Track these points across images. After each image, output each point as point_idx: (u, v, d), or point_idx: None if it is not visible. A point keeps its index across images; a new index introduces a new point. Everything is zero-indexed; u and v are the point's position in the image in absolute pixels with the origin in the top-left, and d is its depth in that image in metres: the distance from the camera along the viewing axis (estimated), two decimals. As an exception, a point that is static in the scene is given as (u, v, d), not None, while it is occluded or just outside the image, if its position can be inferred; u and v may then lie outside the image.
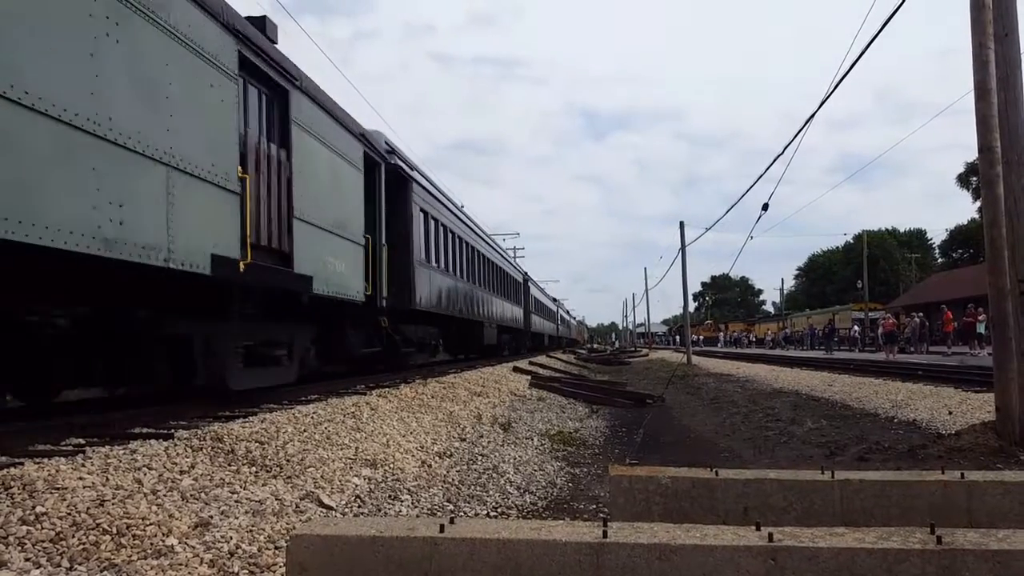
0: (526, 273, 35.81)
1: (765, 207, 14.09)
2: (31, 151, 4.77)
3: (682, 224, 36.42)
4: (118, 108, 5.54)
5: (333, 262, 9.68)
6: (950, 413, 10.59)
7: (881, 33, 9.44)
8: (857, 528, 3.30)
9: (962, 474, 4.44)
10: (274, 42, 8.45)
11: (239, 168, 7.29)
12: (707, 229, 47.86)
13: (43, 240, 4.82)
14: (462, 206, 21.01)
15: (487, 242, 24.19)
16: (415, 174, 14.33)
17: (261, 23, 8.21)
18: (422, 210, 14.56)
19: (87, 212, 5.23)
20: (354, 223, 10.66)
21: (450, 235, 17.38)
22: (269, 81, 8.26)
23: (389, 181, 12.72)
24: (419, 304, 13.93)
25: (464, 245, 19.15)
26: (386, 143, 13.05)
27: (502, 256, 27.61)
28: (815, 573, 2.95)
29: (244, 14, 7.75)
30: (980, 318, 25.84)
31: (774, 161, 14.79)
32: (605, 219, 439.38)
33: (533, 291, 37.63)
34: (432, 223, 15.56)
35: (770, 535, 3.05)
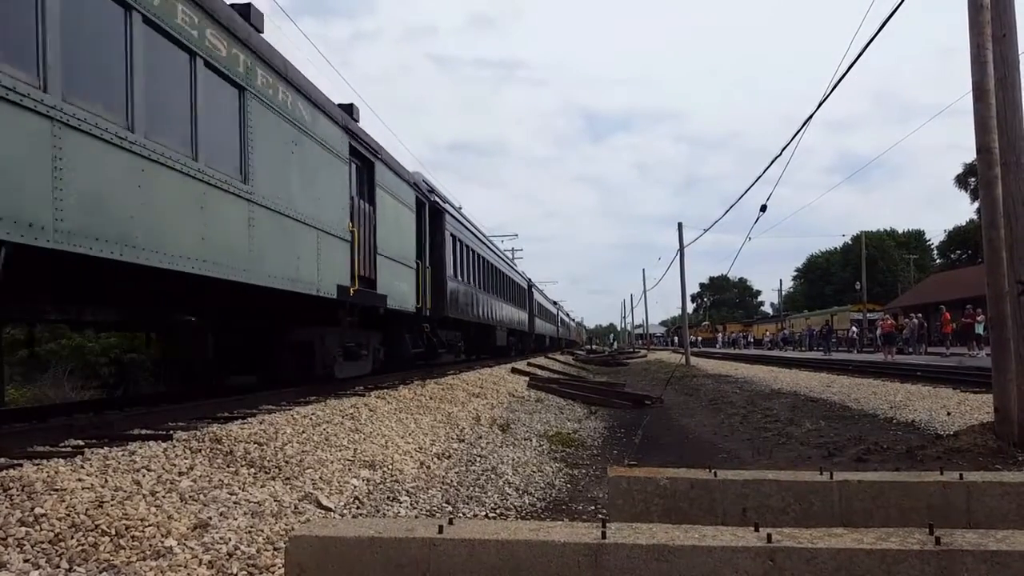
0: (530, 280, 38.41)
1: (763, 208, 14.12)
2: (271, 233, 8.02)
3: (680, 225, 36.54)
4: (296, 196, 8.64)
5: (399, 283, 12.90)
6: (948, 414, 10.60)
7: (879, 34, 9.46)
8: (856, 529, 3.30)
9: (961, 475, 4.44)
10: (358, 120, 10.97)
11: (349, 223, 10.38)
12: (705, 231, 47.99)
13: (269, 282, 7.90)
14: (481, 230, 24.98)
15: (498, 254, 27.25)
16: (447, 206, 17.68)
17: (350, 108, 10.71)
18: (451, 235, 17.47)
19: (291, 263, 8.47)
20: (410, 251, 13.87)
21: (470, 252, 20.18)
22: (363, 158, 11.34)
23: (430, 214, 15.96)
24: (450, 313, 16.81)
25: (480, 260, 21.75)
26: (425, 182, 16.39)
27: (510, 266, 30.69)
28: (814, 574, 2.96)
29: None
30: (979, 319, 25.87)
31: (772, 162, 14.83)
32: (604, 220, 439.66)
33: (536, 296, 40.39)
34: (458, 244, 18.44)
35: (769, 536, 3.06)
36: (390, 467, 6.42)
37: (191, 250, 6.50)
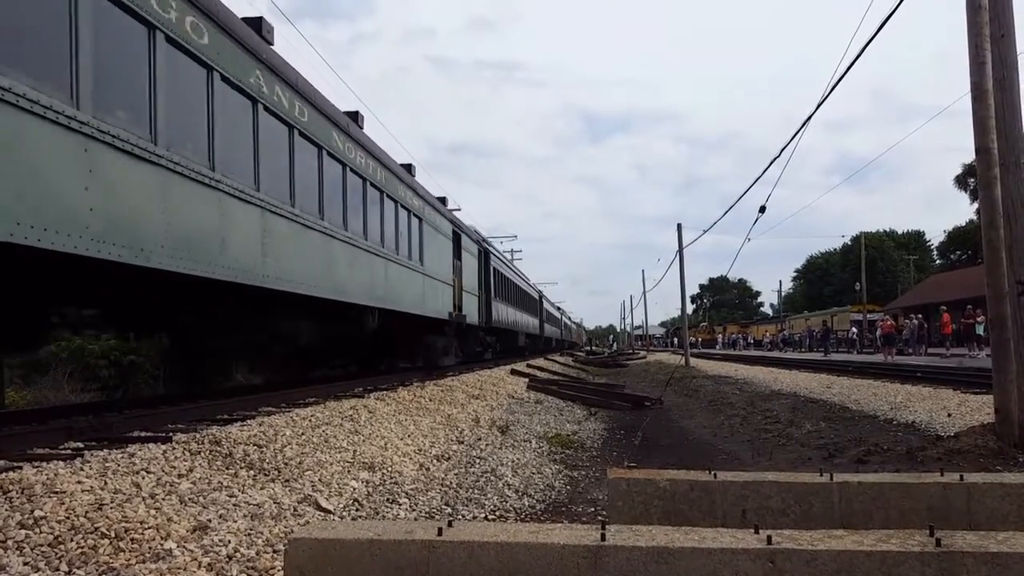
0: (540, 291, 46.02)
1: (762, 209, 14.11)
2: (426, 291, 15.64)
3: (679, 226, 36.60)
4: (432, 263, 16.20)
5: (471, 307, 20.95)
6: (949, 415, 10.60)
7: (878, 35, 9.47)
8: (856, 531, 3.30)
9: (961, 476, 4.44)
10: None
11: (452, 275, 18.31)
12: (704, 231, 48.03)
13: (425, 312, 15.45)
14: (506, 256, 34.85)
15: (518, 274, 35.77)
16: (491, 248, 26.27)
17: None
18: (494, 268, 25.62)
19: (433, 302, 16.24)
20: (475, 286, 21.96)
21: (503, 278, 28.28)
22: (456, 234, 19.44)
23: (483, 258, 23.77)
24: (494, 323, 24.91)
25: (507, 281, 29.49)
26: (477, 232, 24.10)
27: (525, 281, 38.79)
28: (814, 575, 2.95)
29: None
30: (979, 319, 25.86)
31: (771, 163, 14.83)
32: (604, 221, 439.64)
33: (545, 304, 48.32)
34: (497, 274, 26.41)
35: (769, 538, 3.05)
36: (389, 469, 6.41)
37: (412, 304, 14.41)
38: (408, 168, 15.38)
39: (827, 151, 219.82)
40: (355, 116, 11.83)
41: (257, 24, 8.36)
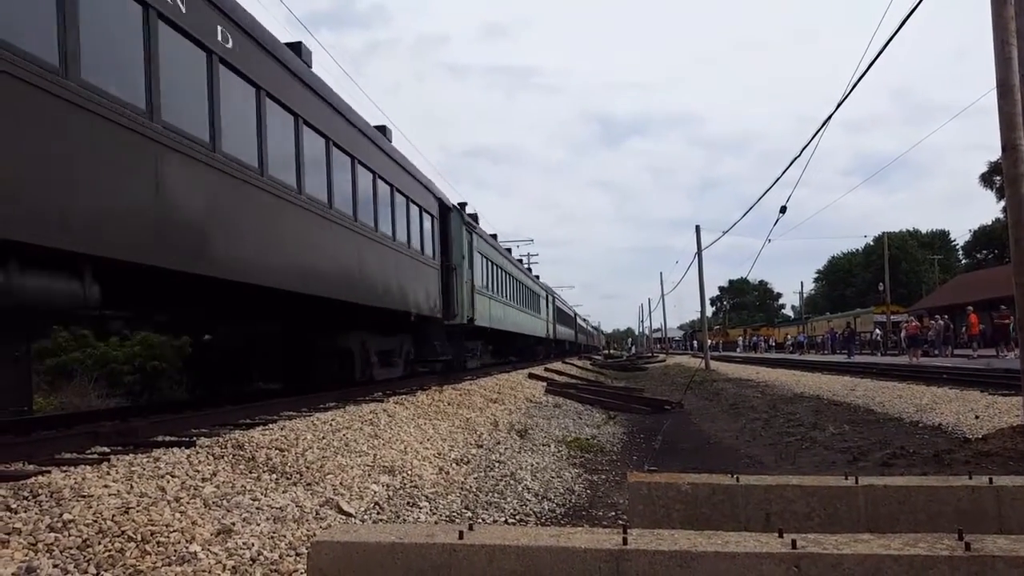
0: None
1: (783, 210, 13.98)
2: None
3: (698, 228, 36.30)
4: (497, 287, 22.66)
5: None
6: (976, 417, 10.43)
7: (899, 32, 9.36)
8: (882, 535, 3.25)
9: (990, 479, 4.36)
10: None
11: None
12: (723, 233, 47.59)
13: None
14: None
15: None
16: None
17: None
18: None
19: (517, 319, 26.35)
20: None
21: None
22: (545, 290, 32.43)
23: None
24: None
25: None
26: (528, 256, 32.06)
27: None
28: (840, 580, 2.91)
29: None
30: (1008, 319, 25.41)
31: (791, 164, 14.69)
32: (620, 224, 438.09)
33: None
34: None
35: (793, 542, 3.02)
36: (409, 473, 6.43)
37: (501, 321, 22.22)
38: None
39: (846, 151, 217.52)
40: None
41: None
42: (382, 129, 12.42)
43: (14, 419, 6.66)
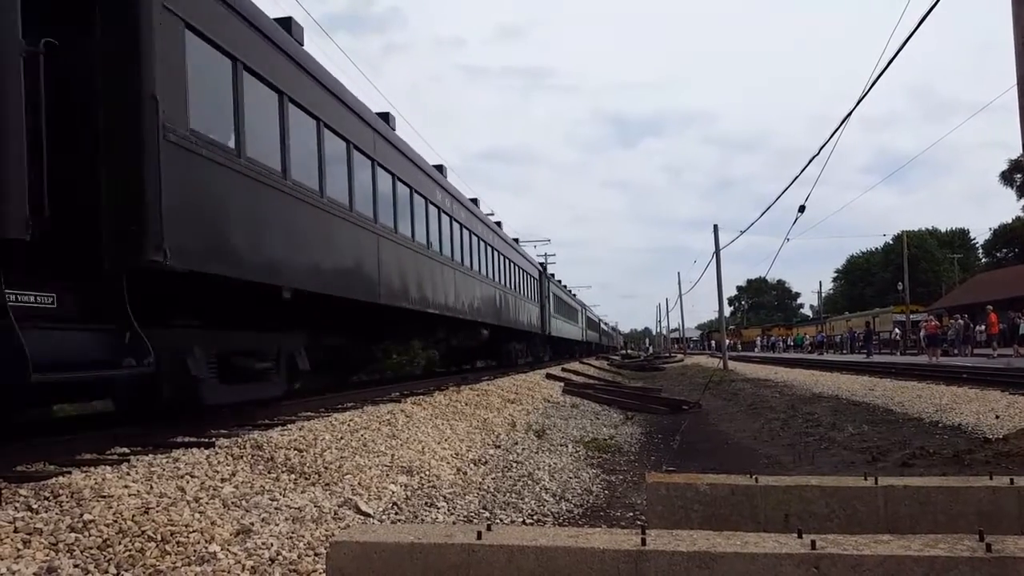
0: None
1: (802, 209, 13.89)
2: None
3: (716, 228, 36.23)
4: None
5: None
6: (997, 417, 10.30)
7: (918, 29, 9.27)
8: (902, 535, 3.22)
9: (1011, 480, 4.30)
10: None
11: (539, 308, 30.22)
12: (741, 232, 47.02)
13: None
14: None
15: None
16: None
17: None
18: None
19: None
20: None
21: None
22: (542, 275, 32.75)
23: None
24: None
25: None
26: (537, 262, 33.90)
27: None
28: (860, 581, 2.89)
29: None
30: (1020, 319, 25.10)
31: (809, 162, 14.60)
32: (636, 224, 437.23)
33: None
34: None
35: (813, 542, 3.00)
36: (427, 473, 6.45)
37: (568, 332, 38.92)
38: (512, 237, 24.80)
39: (864, 149, 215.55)
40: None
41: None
42: (440, 168, 16.16)
43: (35, 420, 6.74)
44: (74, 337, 5.09)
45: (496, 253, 20.01)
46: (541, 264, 33.16)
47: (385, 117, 11.76)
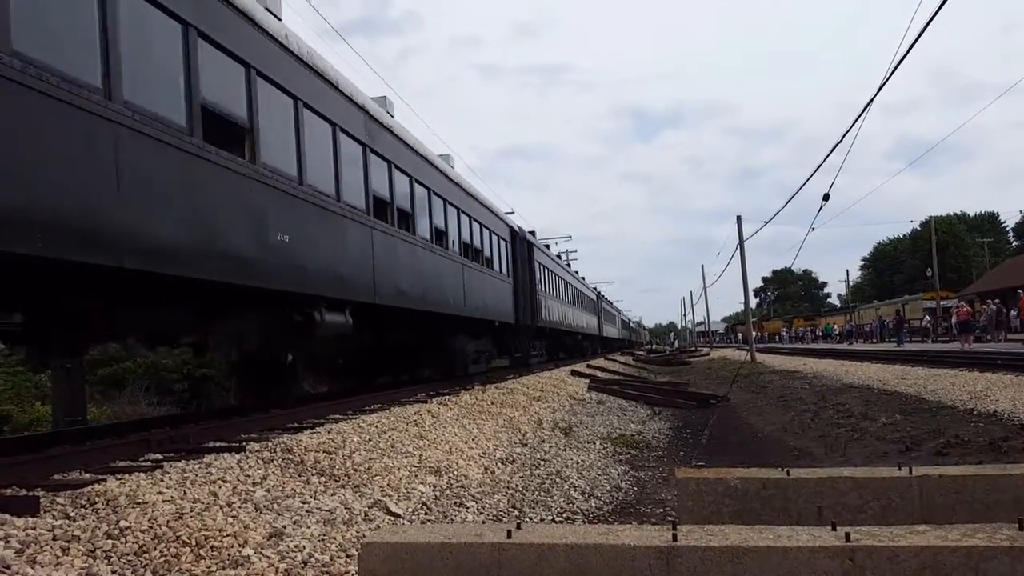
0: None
1: (826, 197, 13.66)
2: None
3: (739, 219, 35.81)
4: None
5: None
6: (1034, 403, 10.10)
7: (940, 11, 9.09)
8: (939, 526, 3.17)
9: (1051, 467, 4.22)
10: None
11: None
12: (765, 223, 46.23)
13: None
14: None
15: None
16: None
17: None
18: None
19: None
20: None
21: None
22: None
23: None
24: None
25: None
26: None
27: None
28: (896, 573, 2.85)
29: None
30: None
31: (833, 150, 14.38)
32: (657, 217, 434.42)
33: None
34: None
35: (847, 535, 2.96)
36: (455, 473, 6.46)
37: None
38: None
39: (887, 135, 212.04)
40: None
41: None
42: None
43: (70, 429, 6.85)
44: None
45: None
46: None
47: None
